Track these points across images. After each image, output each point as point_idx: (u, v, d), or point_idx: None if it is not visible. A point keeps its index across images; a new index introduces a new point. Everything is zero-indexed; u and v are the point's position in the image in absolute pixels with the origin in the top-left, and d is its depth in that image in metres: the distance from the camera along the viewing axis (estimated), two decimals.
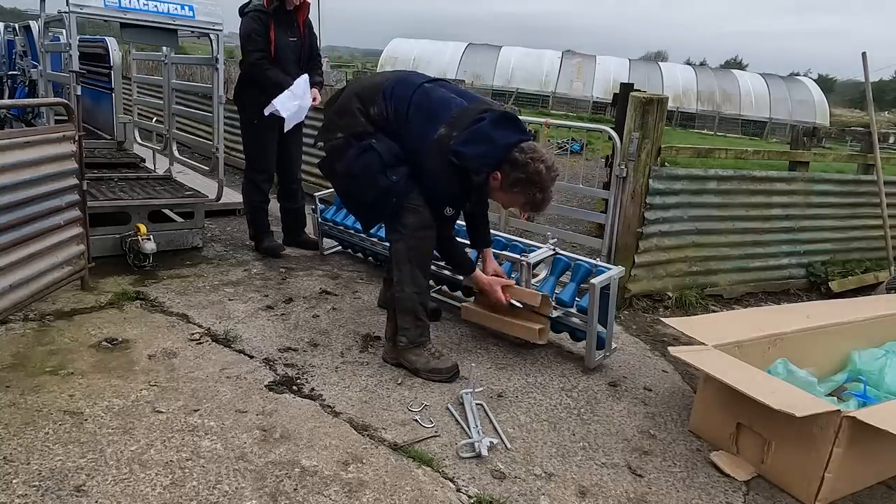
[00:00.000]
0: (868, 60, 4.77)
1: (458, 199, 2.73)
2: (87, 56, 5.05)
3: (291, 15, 4.08)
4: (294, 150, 4.40)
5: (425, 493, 2.04)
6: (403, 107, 2.65)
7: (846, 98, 55.96)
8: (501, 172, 2.62)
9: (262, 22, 3.96)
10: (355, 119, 2.69)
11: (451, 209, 2.72)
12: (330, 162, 2.80)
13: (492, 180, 2.65)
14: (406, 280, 2.76)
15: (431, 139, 2.59)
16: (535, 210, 2.90)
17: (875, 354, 2.90)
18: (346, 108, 2.73)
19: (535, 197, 2.63)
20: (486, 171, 2.61)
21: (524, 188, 2.62)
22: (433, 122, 2.61)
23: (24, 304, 2.94)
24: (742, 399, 2.18)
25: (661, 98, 3.67)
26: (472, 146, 2.55)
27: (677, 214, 3.94)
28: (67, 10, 3.48)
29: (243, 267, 4.05)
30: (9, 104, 5.05)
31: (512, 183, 2.62)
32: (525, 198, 2.66)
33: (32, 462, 2.00)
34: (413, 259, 2.74)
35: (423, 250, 2.76)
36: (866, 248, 4.89)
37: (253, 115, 4.13)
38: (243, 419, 2.35)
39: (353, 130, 2.68)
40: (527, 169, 2.57)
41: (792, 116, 27.57)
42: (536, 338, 3.00)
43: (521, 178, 2.59)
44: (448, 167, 2.57)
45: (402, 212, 2.68)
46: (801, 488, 2.19)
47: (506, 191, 2.66)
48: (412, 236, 2.71)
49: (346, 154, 2.69)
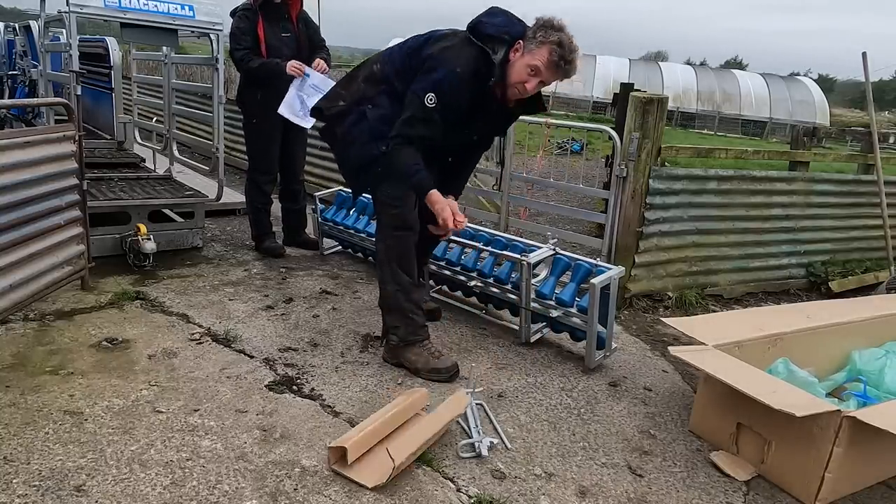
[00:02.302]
0: (868, 60, 4.77)
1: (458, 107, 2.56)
2: (87, 56, 5.05)
3: (281, 9, 4.01)
4: (297, 151, 4.37)
5: (425, 492, 2.04)
6: (401, 45, 2.72)
7: (846, 98, 55.96)
8: (523, 42, 2.51)
9: (248, 19, 3.95)
10: (356, 85, 2.76)
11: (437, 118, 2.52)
12: (331, 128, 2.84)
13: (513, 53, 2.53)
14: (388, 279, 2.79)
15: (434, 38, 2.61)
16: (561, 69, 2.51)
17: (875, 354, 2.90)
18: (351, 77, 2.85)
19: (561, 52, 2.46)
20: (509, 40, 2.50)
21: (547, 44, 2.46)
22: (432, 32, 2.67)
23: (24, 303, 2.94)
24: (742, 399, 2.18)
25: (661, 98, 3.67)
26: (491, 17, 2.53)
27: (677, 214, 3.94)
28: (67, 10, 3.48)
29: (243, 267, 4.05)
30: (9, 104, 5.05)
31: (533, 43, 2.48)
32: (549, 53, 2.47)
33: (32, 462, 2.00)
34: (392, 258, 2.77)
35: (401, 249, 2.77)
36: (866, 248, 4.89)
37: (252, 114, 4.13)
38: (243, 419, 2.35)
39: (353, 97, 2.75)
40: (549, 28, 2.48)
41: (792, 116, 27.58)
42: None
43: (542, 34, 2.47)
44: (461, 52, 2.50)
45: (381, 207, 2.75)
46: (801, 488, 2.19)
47: (525, 54, 2.50)
48: (391, 236, 2.77)
49: (345, 121, 2.75)
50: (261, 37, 3.96)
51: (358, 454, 2.09)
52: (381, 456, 2.07)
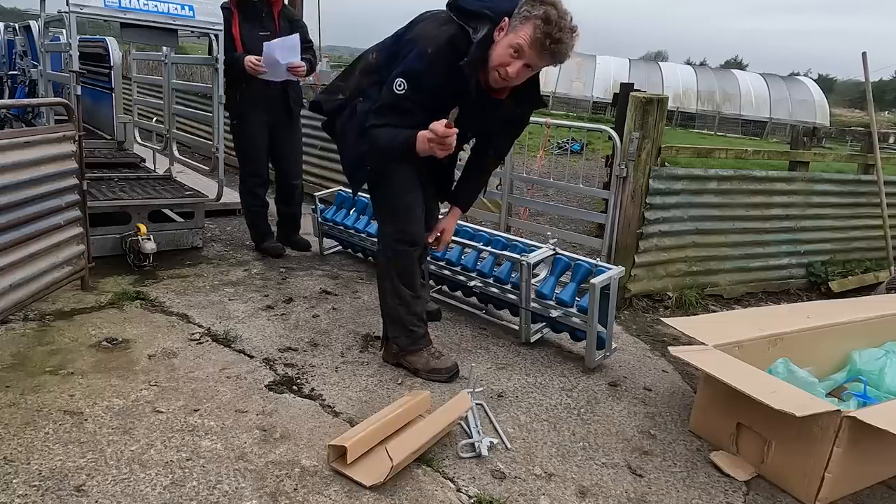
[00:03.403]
0: (868, 60, 4.77)
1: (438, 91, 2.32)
2: (87, 56, 5.05)
3: (258, 7, 3.98)
4: (287, 150, 4.25)
5: (425, 492, 2.04)
6: (395, 34, 2.60)
7: (846, 98, 55.96)
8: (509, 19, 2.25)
9: (224, 19, 3.93)
10: (354, 77, 2.67)
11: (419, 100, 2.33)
12: (331, 122, 2.77)
13: (497, 32, 2.27)
14: (388, 293, 2.75)
15: (420, 18, 2.49)
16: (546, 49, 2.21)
17: (875, 354, 2.90)
18: (350, 69, 2.75)
19: (547, 28, 2.17)
20: (493, 17, 2.24)
21: (531, 19, 2.19)
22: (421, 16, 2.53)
23: (24, 303, 2.94)
24: (742, 399, 2.18)
25: (661, 98, 3.67)
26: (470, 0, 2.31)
27: (677, 214, 3.94)
28: (67, 10, 3.48)
29: (243, 267, 4.05)
30: (9, 104, 5.05)
31: (517, 19, 2.22)
32: (533, 30, 2.19)
33: (32, 462, 2.00)
34: (393, 273, 2.72)
35: (403, 265, 2.71)
36: (866, 248, 4.89)
37: (233, 115, 4.11)
38: (243, 419, 2.35)
39: (351, 90, 2.66)
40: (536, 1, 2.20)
41: (792, 116, 27.57)
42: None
43: (528, 7, 2.20)
44: (437, 31, 2.30)
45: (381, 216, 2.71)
46: (801, 488, 2.19)
47: (509, 33, 2.24)
48: (392, 250, 2.69)
49: (342, 115, 2.68)
50: (235, 35, 3.94)
51: (358, 454, 2.09)
52: (381, 455, 2.07)
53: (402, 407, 2.32)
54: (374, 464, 2.08)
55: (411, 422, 2.31)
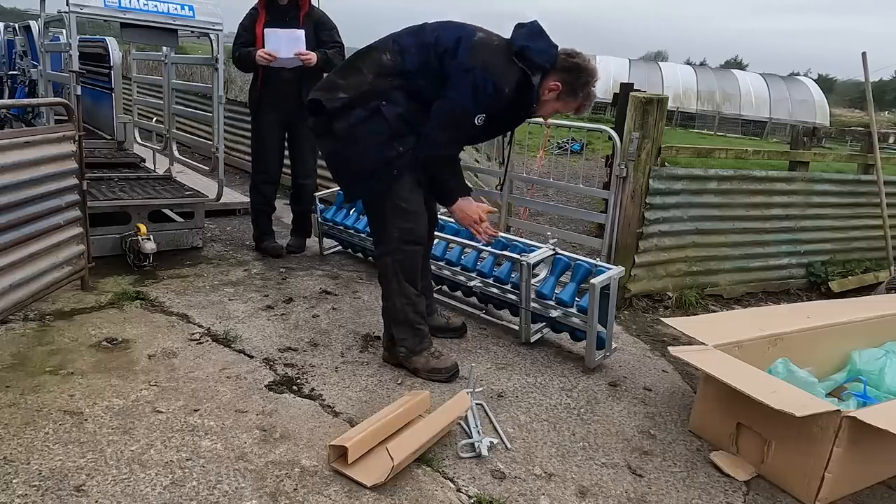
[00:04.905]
0: (868, 60, 4.77)
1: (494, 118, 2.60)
2: (87, 56, 5.05)
3: (286, 10, 3.99)
4: (296, 147, 4.25)
5: (425, 492, 2.04)
6: (417, 36, 2.57)
7: (846, 98, 55.92)
8: (553, 71, 2.57)
9: (250, 16, 3.99)
10: (361, 77, 2.54)
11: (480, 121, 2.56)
12: (328, 121, 2.56)
13: (546, 91, 2.60)
14: (395, 293, 2.74)
15: (469, 43, 2.50)
16: (583, 106, 2.69)
17: (875, 354, 2.90)
18: (351, 66, 2.63)
19: (587, 103, 2.65)
20: (546, 67, 2.55)
21: (577, 98, 2.62)
22: (460, 30, 2.55)
23: (24, 303, 2.94)
24: (742, 399, 2.18)
25: (661, 98, 3.67)
26: (536, 41, 2.54)
27: (677, 214, 3.94)
28: (67, 10, 3.49)
29: (243, 267, 4.05)
30: (9, 104, 5.05)
31: (564, 80, 2.57)
32: (579, 107, 2.66)
33: (32, 462, 2.00)
34: (399, 273, 2.71)
35: (410, 264, 2.72)
36: (866, 248, 4.89)
37: (251, 108, 4.16)
38: (243, 419, 2.35)
39: (358, 90, 2.52)
40: (575, 60, 2.56)
41: (792, 116, 27.58)
42: None
43: (571, 68, 2.56)
44: (507, 72, 2.50)
45: (389, 219, 2.65)
46: (801, 488, 2.19)
47: (560, 101, 2.63)
48: (400, 250, 2.68)
49: (350, 115, 2.51)
50: (258, 34, 3.95)
51: (359, 454, 2.09)
52: (381, 455, 2.07)
53: (403, 407, 2.32)
54: (375, 464, 2.08)
55: (411, 422, 2.31)
